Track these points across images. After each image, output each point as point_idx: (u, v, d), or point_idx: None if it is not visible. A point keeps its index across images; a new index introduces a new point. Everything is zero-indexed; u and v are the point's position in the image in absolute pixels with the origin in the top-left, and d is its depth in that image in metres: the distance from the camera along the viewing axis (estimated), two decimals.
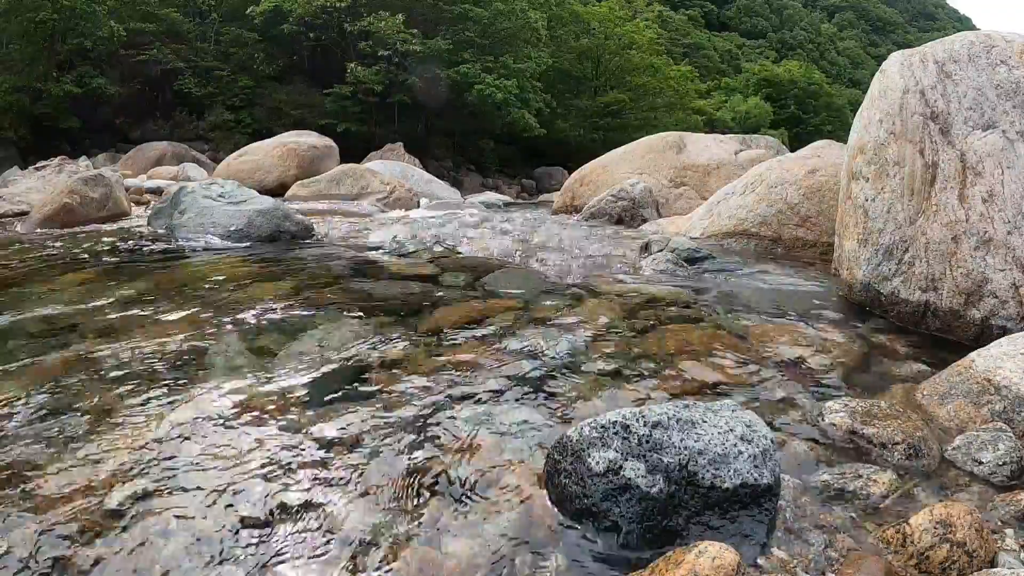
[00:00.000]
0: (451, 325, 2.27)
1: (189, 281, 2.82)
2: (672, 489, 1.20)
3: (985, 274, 2.22)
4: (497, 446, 1.48)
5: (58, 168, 7.60)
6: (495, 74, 21.71)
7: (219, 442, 1.47)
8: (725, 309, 2.57)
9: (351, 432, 1.53)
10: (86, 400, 1.65)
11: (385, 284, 2.87)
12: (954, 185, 2.34)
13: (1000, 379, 1.71)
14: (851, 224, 2.71)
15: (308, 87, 21.93)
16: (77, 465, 1.36)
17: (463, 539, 1.21)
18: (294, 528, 1.22)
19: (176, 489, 1.30)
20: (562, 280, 3.09)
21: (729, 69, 53.11)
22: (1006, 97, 2.34)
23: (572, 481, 1.26)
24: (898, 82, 2.62)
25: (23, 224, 5.00)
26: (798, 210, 3.89)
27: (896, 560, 1.19)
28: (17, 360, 1.90)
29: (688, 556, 1.04)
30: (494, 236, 4.36)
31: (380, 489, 1.33)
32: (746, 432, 1.29)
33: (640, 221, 5.41)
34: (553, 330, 2.24)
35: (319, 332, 2.16)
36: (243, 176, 8.34)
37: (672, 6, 55.45)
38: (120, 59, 19.48)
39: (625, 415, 1.29)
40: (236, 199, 4.34)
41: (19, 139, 17.09)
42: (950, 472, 1.51)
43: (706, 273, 3.24)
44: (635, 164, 6.54)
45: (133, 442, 1.45)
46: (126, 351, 1.96)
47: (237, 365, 1.89)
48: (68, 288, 2.72)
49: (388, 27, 20.01)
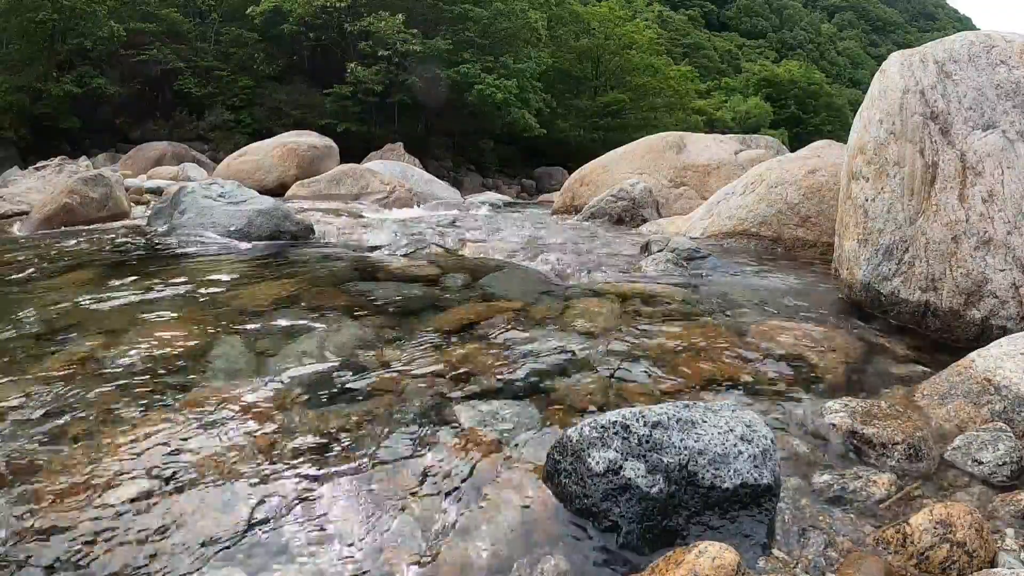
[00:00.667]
0: (451, 325, 2.27)
1: (189, 281, 2.82)
2: (672, 489, 1.20)
3: (985, 274, 2.22)
4: (497, 446, 1.48)
5: (58, 168, 7.60)
6: (495, 74, 21.71)
7: (219, 442, 1.47)
8: (725, 309, 2.57)
9: (351, 431, 1.53)
10: (86, 400, 1.65)
11: (385, 284, 2.87)
12: (954, 185, 2.34)
13: (1000, 379, 1.71)
14: (851, 224, 2.71)
15: (308, 87, 21.94)
16: (77, 465, 1.36)
17: (463, 538, 1.21)
18: (293, 527, 1.22)
19: (176, 489, 1.30)
20: (562, 280, 3.09)
21: (729, 69, 53.11)
22: (1006, 97, 2.34)
23: (572, 481, 1.26)
24: (898, 82, 2.62)
25: (23, 224, 5.00)
26: (798, 210, 3.89)
27: (896, 560, 1.19)
28: (17, 360, 1.90)
29: (688, 556, 1.04)
30: (494, 236, 4.36)
31: (379, 488, 1.33)
32: (746, 432, 1.29)
33: (640, 221, 5.41)
34: (553, 330, 2.24)
35: (319, 332, 2.16)
36: (243, 176, 8.34)
37: (672, 6, 55.49)
38: (120, 59, 19.49)
39: (625, 415, 1.29)
40: (236, 199, 4.34)
41: (19, 139, 17.11)
42: (950, 472, 1.51)
43: (706, 273, 3.24)
44: (635, 164, 6.54)
45: (133, 442, 1.45)
46: (126, 351, 1.95)
47: (237, 365, 1.89)
48: (68, 288, 2.72)
49: (388, 27, 20.02)
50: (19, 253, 3.60)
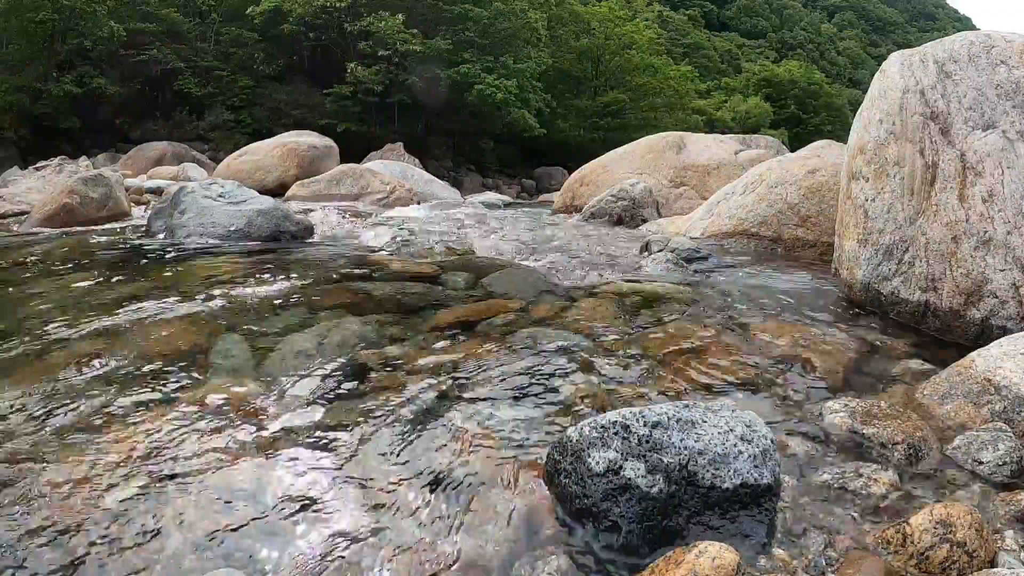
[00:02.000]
0: (452, 325, 2.27)
1: (189, 281, 2.82)
2: (672, 489, 1.20)
3: (985, 274, 2.22)
4: (497, 445, 1.48)
5: (58, 168, 7.60)
6: (495, 74, 21.71)
7: (219, 441, 1.47)
8: (725, 309, 2.57)
9: (351, 431, 1.53)
10: (86, 400, 1.65)
11: (385, 284, 2.87)
12: (954, 185, 2.34)
13: (1000, 379, 1.71)
14: (851, 224, 2.70)
15: (308, 87, 21.94)
16: (77, 464, 1.36)
17: (463, 538, 1.21)
18: (293, 526, 1.22)
19: (175, 489, 1.30)
20: (562, 280, 3.08)
21: (729, 69, 53.11)
22: (1006, 97, 2.34)
23: (572, 481, 1.26)
24: (898, 82, 2.62)
25: (23, 224, 5.00)
26: (798, 210, 3.89)
27: (896, 560, 1.19)
28: (17, 360, 1.90)
29: (688, 556, 1.04)
30: (494, 236, 4.36)
31: (379, 487, 1.33)
32: (746, 432, 1.29)
33: (640, 221, 5.41)
34: (553, 330, 2.24)
35: (320, 331, 2.16)
36: (243, 176, 8.34)
37: (672, 6, 55.47)
38: (120, 59, 19.49)
39: (625, 415, 1.29)
40: (236, 199, 4.34)
41: (19, 139, 17.11)
42: (950, 472, 1.51)
43: (706, 273, 3.24)
44: (635, 164, 6.54)
45: (133, 441, 1.45)
46: (126, 351, 1.96)
47: (238, 364, 1.89)
48: (68, 288, 2.72)
49: (388, 27, 20.02)
50: (19, 253, 3.60)
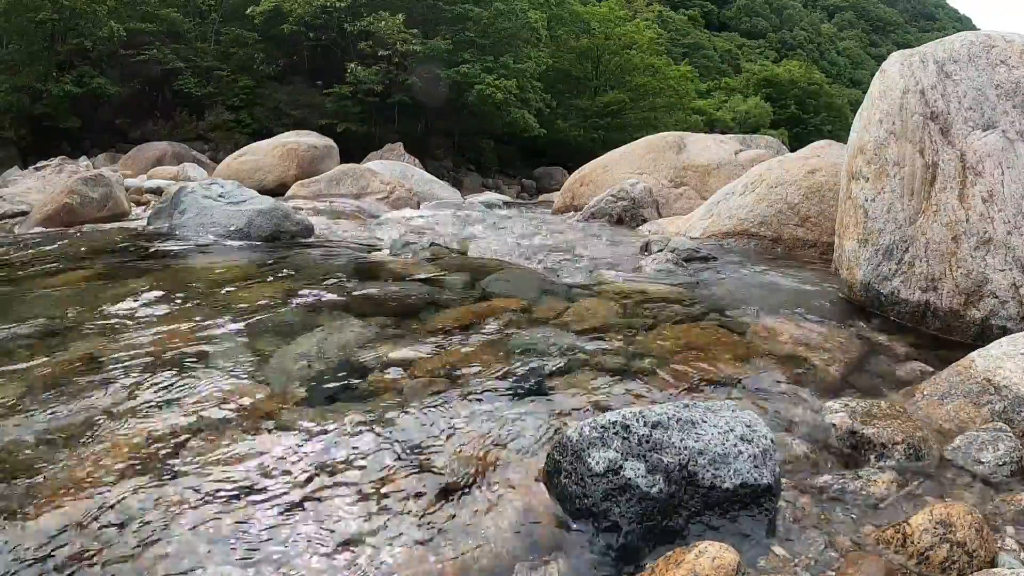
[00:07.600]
0: (452, 325, 2.27)
1: (189, 281, 2.82)
2: (672, 489, 1.20)
3: (985, 274, 2.22)
4: (498, 446, 1.48)
5: (58, 168, 7.60)
6: (495, 74, 21.69)
7: (218, 441, 1.47)
8: (725, 309, 2.57)
9: (351, 431, 1.53)
10: (86, 399, 1.65)
11: (385, 284, 2.87)
12: (954, 185, 2.34)
13: (1000, 379, 1.71)
14: (851, 224, 2.71)
15: (308, 87, 21.92)
16: (77, 464, 1.36)
17: (463, 538, 1.21)
18: (292, 527, 1.21)
19: (175, 488, 1.30)
20: (562, 280, 3.08)
21: (729, 69, 53.07)
22: (1006, 97, 2.34)
23: (572, 481, 1.26)
24: (898, 82, 2.62)
25: (23, 224, 5.00)
26: (798, 210, 3.89)
27: (896, 560, 1.19)
28: (17, 360, 1.90)
29: (688, 556, 1.04)
30: (494, 236, 4.36)
31: (379, 488, 1.33)
32: (746, 432, 1.29)
33: (640, 221, 5.41)
34: (554, 330, 2.24)
35: (319, 332, 2.16)
36: (243, 176, 8.33)
37: (672, 6, 55.44)
38: (120, 59, 19.47)
39: (625, 415, 1.29)
40: (236, 199, 4.34)
41: (19, 139, 17.10)
42: (950, 472, 1.51)
43: (706, 273, 3.23)
44: (635, 164, 6.53)
45: (132, 441, 1.45)
46: (126, 351, 1.95)
47: (237, 365, 1.89)
48: (68, 288, 2.72)
49: (388, 27, 20.00)
50: (19, 253, 3.60)
